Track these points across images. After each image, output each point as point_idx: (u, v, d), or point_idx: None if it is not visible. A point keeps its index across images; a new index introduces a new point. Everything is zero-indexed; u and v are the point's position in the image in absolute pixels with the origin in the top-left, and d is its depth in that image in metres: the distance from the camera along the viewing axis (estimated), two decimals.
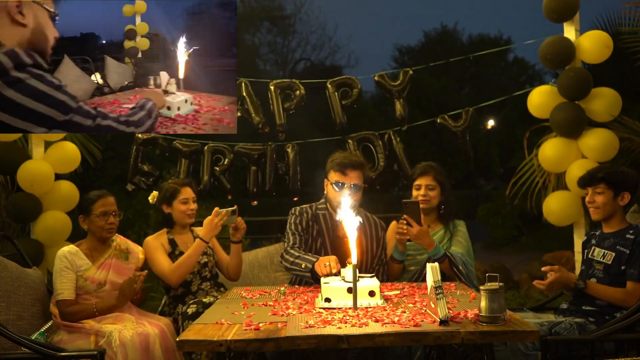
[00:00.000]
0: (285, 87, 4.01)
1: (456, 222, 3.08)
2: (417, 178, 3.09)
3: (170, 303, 3.07)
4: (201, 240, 2.94)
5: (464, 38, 28.47)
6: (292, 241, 2.90)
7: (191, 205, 3.11)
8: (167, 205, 3.12)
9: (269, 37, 25.18)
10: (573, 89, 3.45)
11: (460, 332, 1.80)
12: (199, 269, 3.07)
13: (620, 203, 2.68)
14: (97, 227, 2.84)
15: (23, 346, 2.35)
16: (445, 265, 2.81)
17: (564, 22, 3.62)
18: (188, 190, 3.13)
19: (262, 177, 4.00)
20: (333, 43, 36.61)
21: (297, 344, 1.81)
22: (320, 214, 2.96)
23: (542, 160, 3.64)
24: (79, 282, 2.76)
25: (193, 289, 3.05)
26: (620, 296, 2.56)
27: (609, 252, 2.67)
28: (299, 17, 26.04)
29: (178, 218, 3.11)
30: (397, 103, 3.98)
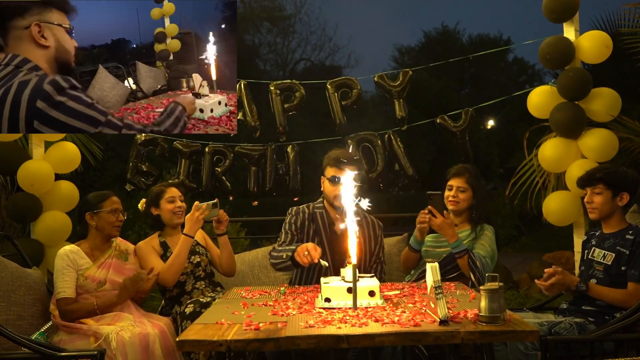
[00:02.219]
0: (285, 88, 4.01)
1: (485, 227, 3.03)
2: (451, 179, 3.08)
3: (167, 305, 3.08)
4: (186, 236, 2.95)
5: (464, 38, 28.50)
6: (282, 239, 2.94)
7: (178, 203, 3.13)
8: (154, 207, 3.15)
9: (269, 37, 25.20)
10: (573, 89, 3.46)
11: (460, 332, 1.81)
12: (192, 268, 3.08)
13: (619, 203, 2.68)
14: (107, 223, 2.87)
15: (23, 346, 2.35)
16: (463, 262, 2.82)
17: (564, 23, 3.62)
18: (173, 189, 3.16)
19: (262, 177, 4.00)
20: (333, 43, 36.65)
21: (297, 344, 1.81)
22: (317, 213, 2.98)
23: (542, 160, 3.64)
24: (79, 281, 2.77)
25: (187, 289, 3.06)
26: (621, 297, 2.56)
27: (609, 253, 2.67)
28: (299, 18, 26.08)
29: (166, 218, 3.13)
30: (396, 103, 3.99)
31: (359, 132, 4.04)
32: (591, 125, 3.53)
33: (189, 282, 3.07)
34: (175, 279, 2.97)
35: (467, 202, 3.05)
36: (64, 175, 3.93)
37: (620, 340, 2.44)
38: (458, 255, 2.84)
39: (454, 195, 3.04)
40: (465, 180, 3.05)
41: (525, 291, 5.80)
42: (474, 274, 2.79)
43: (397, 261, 3.50)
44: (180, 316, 2.83)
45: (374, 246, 3.01)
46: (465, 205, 3.05)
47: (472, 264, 2.80)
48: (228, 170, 3.99)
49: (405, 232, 3.73)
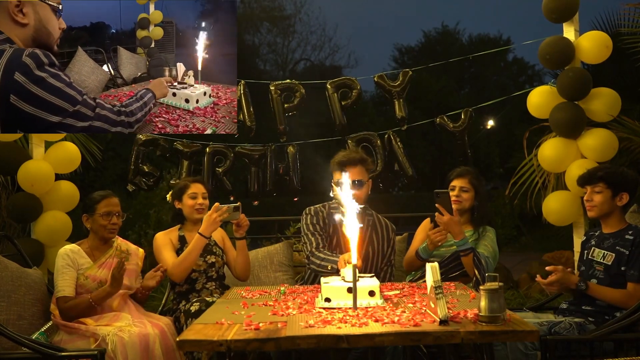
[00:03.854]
0: (285, 88, 4.01)
1: (487, 228, 3.08)
2: (453, 179, 3.12)
3: (175, 299, 3.10)
4: (201, 236, 2.94)
5: (464, 38, 28.52)
6: (314, 243, 2.93)
7: (199, 200, 3.13)
8: (178, 200, 3.17)
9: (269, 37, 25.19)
10: (572, 89, 3.46)
11: (460, 332, 1.81)
12: (206, 268, 3.08)
13: (618, 203, 2.68)
14: (99, 226, 2.84)
15: (23, 346, 2.35)
16: (468, 260, 2.84)
17: (564, 23, 3.62)
18: (198, 185, 3.16)
19: (262, 177, 4.01)
20: (333, 43, 36.59)
21: (297, 343, 1.81)
22: (334, 213, 3.00)
23: (542, 160, 3.64)
24: (80, 280, 2.77)
25: (197, 287, 3.06)
26: (621, 298, 2.56)
27: (609, 253, 2.67)
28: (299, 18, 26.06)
29: (187, 213, 3.14)
30: (396, 103, 3.99)
31: (359, 132, 4.04)
32: (591, 125, 3.54)
33: (200, 280, 3.07)
34: (183, 276, 2.98)
35: (469, 202, 3.09)
36: (64, 175, 3.93)
37: (620, 340, 2.44)
38: (463, 254, 2.85)
39: (457, 195, 3.07)
40: (468, 180, 3.08)
41: (525, 291, 5.81)
42: (479, 271, 2.80)
43: (397, 261, 3.50)
44: (185, 314, 2.83)
45: (386, 248, 3.04)
46: (468, 205, 3.09)
47: (477, 261, 2.81)
48: (228, 170, 3.99)
49: (406, 232, 3.73)
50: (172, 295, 3.14)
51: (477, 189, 3.10)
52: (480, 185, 3.12)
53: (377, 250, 2.99)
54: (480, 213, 3.10)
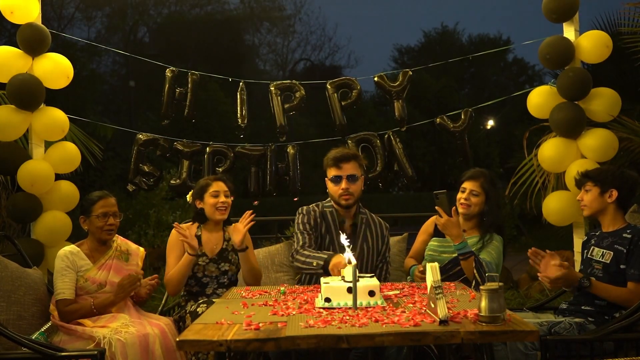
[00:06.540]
0: (285, 88, 4.01)
1: (494, 236, 2.95)
2: (465, 181, 3.01)
3: (184, 296, 3.08)
4: (189, 255, 2.91)
5: (464, 38, 28.54)
6: (301, 241, 2.92)
7: (222, 198, 3.05)
8: (199, 200, 3.10)
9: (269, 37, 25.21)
10: (572, 89, 3.46)
11: (460, 332, 1.81)
12: (218, 274, 3.06)
13: (609, 200, 2.71)
14: (96, 227, 2.84)
15: (23, 346, 2.35)
16: (468, 264, 2.76)
17: (564, 23, 3.62)
18: (220, 183, 3.09)
19: (262, 177, 4.01)
20: (333, 43, 36.72)
21: (297, 344, 1.81)
22: (327, 212, 3.00)
23: (542, 160, 3.64)
24: (79, 282, 2.76)
25: (208, 292, 3.05)
26: (623, 295, 2.56)
27: (608, 252, 2.67)
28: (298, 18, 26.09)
29: (209, 212, 3.07)
30: (396, 104, 3.99)
31: (359, 132, 4.04)
32: (591, 125, 3.54)
33: (211, 285, 3.06)
34: (176, 291, 2.97)
35: (478, 207, 2.97)
36: (64, 175, 3.92)
37: (620, 340, 2.44)
38: (462, 257, 2.76)
39: (466, 198, 2.97)
40: (479, 184, 2.97)
41: (525, 291, 5.80)
42: (479, 272, 2.75)
43: (397, 261, 3.50)
44: (191, 315, 2.81)
45: (381, 246, 3.04)
46: (477, 210, 2.97)
47: (477, 263, 2.73)
48: (228, 170, 3.99)
49: (406, 232, 3.74)
50: (183, 291, 3.10)
51: (488, 193, 2.96)
52: (492, 190, 2.97)
53: (372, 247, 3.00)
54: (489, 219, 2.96)
